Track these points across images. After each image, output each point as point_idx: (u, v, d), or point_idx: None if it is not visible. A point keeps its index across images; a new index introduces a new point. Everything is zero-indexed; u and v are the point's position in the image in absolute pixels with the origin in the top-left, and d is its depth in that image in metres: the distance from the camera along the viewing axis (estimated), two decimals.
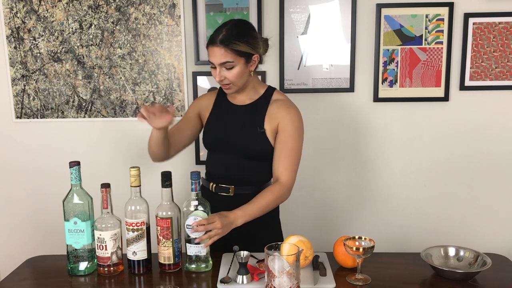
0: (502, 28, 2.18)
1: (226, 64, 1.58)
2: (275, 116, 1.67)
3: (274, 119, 1.67)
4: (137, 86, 2.29)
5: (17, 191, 2.42)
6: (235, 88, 1.66)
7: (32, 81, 2.30)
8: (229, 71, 1.60)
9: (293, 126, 1.67)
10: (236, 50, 1.58)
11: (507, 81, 2.22)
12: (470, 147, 2.30)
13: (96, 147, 2.35)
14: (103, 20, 2.23)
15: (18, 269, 1.58)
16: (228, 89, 1.66)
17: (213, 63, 1.61)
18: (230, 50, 1.57)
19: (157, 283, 1.43)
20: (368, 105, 2.28)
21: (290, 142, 1.66)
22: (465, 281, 1.42)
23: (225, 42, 1.57)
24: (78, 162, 1.46)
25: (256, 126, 1.68)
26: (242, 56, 1.59)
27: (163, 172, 1.47)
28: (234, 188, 1.71)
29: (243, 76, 1.63)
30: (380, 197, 2.37)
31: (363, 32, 2.22)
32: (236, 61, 1.59)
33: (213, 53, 1.59)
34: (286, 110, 1.68)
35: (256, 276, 1.41)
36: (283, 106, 1.68)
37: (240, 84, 1.65)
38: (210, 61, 1.62)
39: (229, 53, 1.57)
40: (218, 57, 1.58)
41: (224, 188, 1.72)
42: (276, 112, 1.67)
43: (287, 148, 1.65)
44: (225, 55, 1.57)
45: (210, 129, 1.76)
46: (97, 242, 1.46)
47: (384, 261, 1.56)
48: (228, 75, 1.60)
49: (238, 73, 1.60)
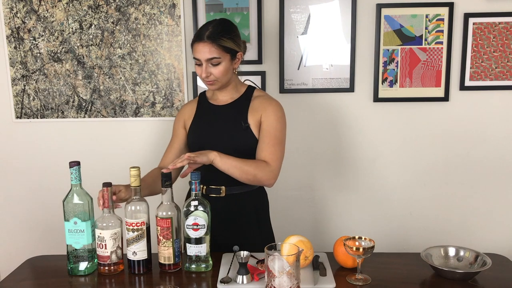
0: (502, 28, 2.18)
1: (213, 60, 1.62)
2: (257, 109, 1.71)
3: (257, 111, 1.71)
4: (137, 86, 2.29)
5: (17, 191, 2.42)
6: (219, 85, 1.68)
7: (32, 81, 2.30)
8: (215, 68, 1.63)
9: (276, 116, 1.70)
10: (222, 46, 1.62)
11: (507, 81, 2.22)
12: (470, 147, 2.30)
13: (96, 147, 2.35)
14: (103, 20, 2.23)
15: (18, 269, 1.58)
16: (212, 85, 1.68)
17: (199, 59, 1.63)
18: (217, 46, 1.61)
19: (157, 283, 1.43)
20: (368, 105, 2.28)
21: (273, 130, 1.68)
22: (465, 281, 1.42)
23: (212, 38, 1.61)
24: (78, 162, 1.46)
25: (240, 122, 1.70)
26: (228, 52, 1.63)
27: (163, 172, 1.47)
28: (225, 188, 1.71)
29: (228, 73, 1.66)
30: (380, 197, 2.37)
31: (363, 32, 2.22)
32: (222, 57, 1.62)
33: (200, 50, 1.62)
34: (267, 102, 1.72)
35: (256, 276, 1.41)
36: (264, 100, 1.73)
37: (225, 81, 1.68)
38: (196, 58, 1.64)
39: (216, 49, 1.61)
40: (205, 53, 1.61)
41: (215, 189, 1.72)
42: (258, 106, 1.71)
43: (270, 136, 1.68)
44: (212, 51, 1.61)
45: (195, 131, 1.77)
46: (97, 240, 1.46)
47: (384, 261, 1.56)
48: (214, 71, 1.63)
49: (224, 69, 1.64)
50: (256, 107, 1.71)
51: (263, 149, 1.67)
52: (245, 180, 1.65)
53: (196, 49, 1.63)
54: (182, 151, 1.80)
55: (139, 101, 2.30)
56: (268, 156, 1.66)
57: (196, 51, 1.63)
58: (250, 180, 1.66)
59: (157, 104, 2.30)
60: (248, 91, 1.77)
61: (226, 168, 1.62)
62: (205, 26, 1.64)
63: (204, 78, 1.65)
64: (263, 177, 1.65)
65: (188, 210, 1.47)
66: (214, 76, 1.64)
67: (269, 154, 1.66)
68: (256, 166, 1.64)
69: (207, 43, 1.61)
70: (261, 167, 1.65)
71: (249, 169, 1.63)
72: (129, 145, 2.35)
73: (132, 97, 2.30)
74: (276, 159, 1.67)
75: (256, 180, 1.66)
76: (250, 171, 1.63)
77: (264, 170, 1.65)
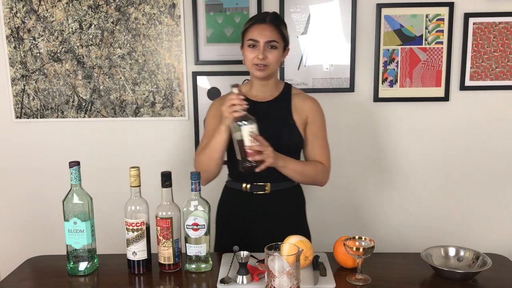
0: (502, 28, 2.18)
1: (272, 43, 1.64)
2: (302, 109, 1.74)
3: (302, 110, 1.74)
4: (137, 86, 2.29)
5: (17, 191, 2.42)
6: (268, 71, 1.68)
7: (32, 81, 2.30)
8: (271, 52, 1.65)
9: (321, 116, 1.77)
10: (282, 33, 1.68)
11: (507, 81, 2.22)
12: (470, 147, 2.30)
13: (96, 147, 2.35)
14: (103, 20, 2.23)
15: (18, 269, 1.58)
16: (261, 70, 1.66)
17: (257, 40, 1.64)
18: (278, 31, 1.66)
19: (157, 283, 1.43)
20: (368, 105, 2.28)
21: (322, 131, 1.77)
22: (465, 281, 1.42)
23: (274, 22, 1.67)
24: (78, 162, 1.46)
25: (286, 119, 1.72)
26: (283, 41, 1.69)
27: (163, 172, 1.47)
28: (270, 185, 1.72)
29: (279, 61, 1.70)
30: (380, 197, 2.37)
31: (363, 32, 2.22)
32: (279, 44, 1.66)
33: (262, 31, 1.64)
34: (311, 101, 1.77)
35: (256, 276, 1.41)
36: (306, 100, 1.77)
37: (274, 70, 1.70)
38: (254, 39, 1.64)
39: (277, 34, 1.66)
40: (267, 35, 1.64)
41: (260, 186, 1.73)
42: (302, 106, 1.75)
43: (321, 137, 1.76)
44: (274, 34, 1.65)
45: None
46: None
47: (384, 261, 1.56)
48: (269, 55, 1.65)
49: (278, 56, 1.67)
50: (299, 106, 1.75)
51: (316, 150, 1.74)
52: (302, 182, 1.76)
53: (256, 30, 1.65)
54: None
55: (139, 101, 2.30)
56: (322, 157, 1.75)
57: (256, 32, 1.65)
58: (307, 182, 1.76)
59: (157, 104, 2.30)
60: (286, 88, 1.79)
61: (289, 173, 1.68)
62: (264, 13, 1.73)
63: (260, 60, 1.64)
64: (321, 179, 1.76)
65: (188, 210, 1.47)
66: (269, 61, 1.65)
67: (322, 155, 1.75)
68: (314, 168, 1.72)
69: (270, 25, 1.65)
70: (319, 169, 1.73)
71: (309, 173, 1.72)
72: (129, 145, 2.35)
73: (132, 97, 2.30)
74: (328, 159, 1.77)
75: (313, 182, 1.76)
76: (311, 175, 1.72)
77: (321, 172, 1.74)
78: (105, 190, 2.26)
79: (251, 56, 1.66)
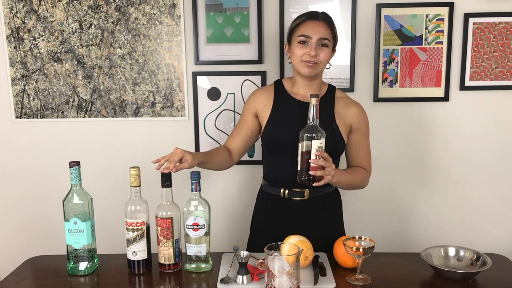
0: (502, 28, 2.18)
1: (324, 40, 1.62)
2: (347, 115, 1.71)
3: (347, 118, 1.71)
4: (137, 86, 2.29)
5: (17, 191, 2.42)
6: (317, 70, 1.65)
7: (32, 81, 2.30)
8: (322, 50, 1.62)
9: (366, 126, 1.76)
10: (333, 32, 1.66)
11: (507, 81, 2.22)
12: (470, 147, 2.30)
13: (96, 147, 2.35)
14: (103, 20, 2.23)
15: (18, 269, 1.58)
16: (310, 67, 1.62)
17: (310, 37, 1.61)
18: (330, 29, 1.65)
19: (157, 283, 1.44)
20: (368, 105, 2.27)
21: (365, 140, 1.77)
22: (465, 281, 1.42)
23: (326, 20, 1.66)
24: (78, 162, 1.46)
25: (329, 123, 1.66)
26: (333, 40, 1.67)
27: (163, 172, 1.47)
28: (309, 191, 1.68)
29: (328, 60, 1.67)
30: (380, 197, 2.37)
31: (363, 32, 2.22)
32: (330, 42, 1.64)
33: (315, 27, 1.62)
34: (356, 109, 1.74)
35: (256, 276, 1.41)
36: (351, 105, 1.74)
37: (322, 68, 1.67)
38: (307, 35, 1.61)
39: (329, 31, 1.64)
40: (320, 32, 1.62)
41: (299, 192, 1.68)
42: (347, 111, 1.72)
43: (366, 145, 1.77)
44: (327, 32, 1.63)
45: (276, 127, 1.69)
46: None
47: (384, 261, 1.56)
48: (321, 53, 1.62)
49: (328, 54, 1.65)
50: (344, 111, 1.71)
51: (360, 157, 1.75)
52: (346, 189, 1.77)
53: (309, 26, 1.62)
54: (250, 139, 1.77)
55: (139, 101, 2.30)
56: (366, 164, 1.76)
57: (309, 28, 1.61)
58: (351, 189, 1.77)
59: (157, 104, 2.30)
60: (330, 90, 1.75)
61: (338, 185, 1.69)
62: (314, 11, 1.68)
63: (311, 57, 1.60)
64: (365, 185, 1.78)
65: (188, 210, 1.47)
66: (319, 58, 1.62)
67: (366, 162, 1.76)
68: (361, 177, 1.73)
69: (323, 22, 1.63)
70: (364, 177, 1.75)
71: (356, 183, 1.73)
72: (129, 145, 2.35)
73: (132, 97, 2.30)
74: (371, 165, 1.79)
75: (358, 188, 1.77)
76: (357, 184, 1.74)
77: (366, 179, 1.77)
78: (105, 190, 2.27)
79: (300, 52, 1.61)
